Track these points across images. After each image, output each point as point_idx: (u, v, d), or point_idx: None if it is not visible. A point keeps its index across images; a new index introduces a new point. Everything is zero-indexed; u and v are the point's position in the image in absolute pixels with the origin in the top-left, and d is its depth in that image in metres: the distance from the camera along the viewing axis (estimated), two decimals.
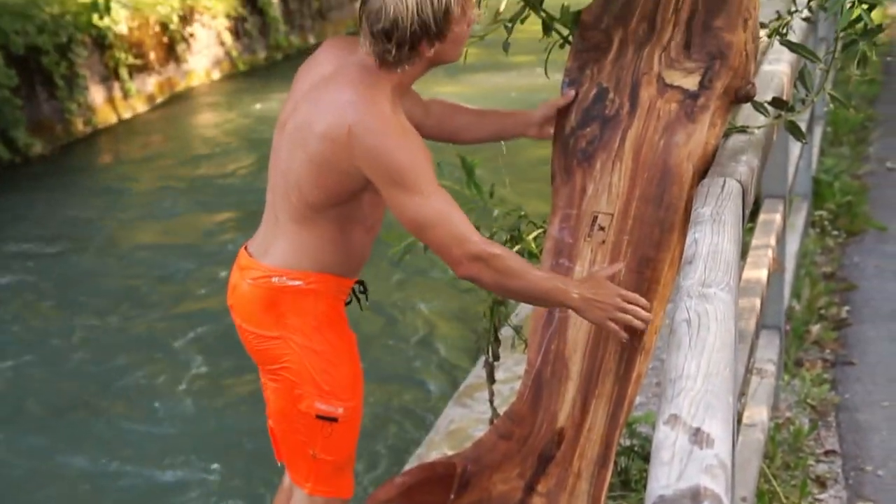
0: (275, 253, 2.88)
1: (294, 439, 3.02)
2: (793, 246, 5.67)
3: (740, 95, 2.90)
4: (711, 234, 2.24)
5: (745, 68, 2.90)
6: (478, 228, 2.77)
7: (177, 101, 14.64)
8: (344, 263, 2.91)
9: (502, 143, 3.26)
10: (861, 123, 9.53)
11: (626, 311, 2.65)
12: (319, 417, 2.95)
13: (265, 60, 16.64)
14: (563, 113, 3.03)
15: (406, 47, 2.58)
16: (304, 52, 17.74)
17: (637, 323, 2.66)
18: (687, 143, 2.81)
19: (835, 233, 6.97)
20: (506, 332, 3.89)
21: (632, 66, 2.97)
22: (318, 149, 2.68)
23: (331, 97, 2.68)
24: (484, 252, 2.62)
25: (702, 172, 2.78)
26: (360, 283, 3.09)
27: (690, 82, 2.87)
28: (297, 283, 2.86)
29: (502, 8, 3.30)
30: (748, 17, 2.90)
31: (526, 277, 2.64)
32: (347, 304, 3.04)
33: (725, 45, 2.85)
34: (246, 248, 2.99)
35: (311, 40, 17.68)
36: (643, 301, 2.69)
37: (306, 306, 2.89)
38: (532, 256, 3.55)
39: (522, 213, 3.70)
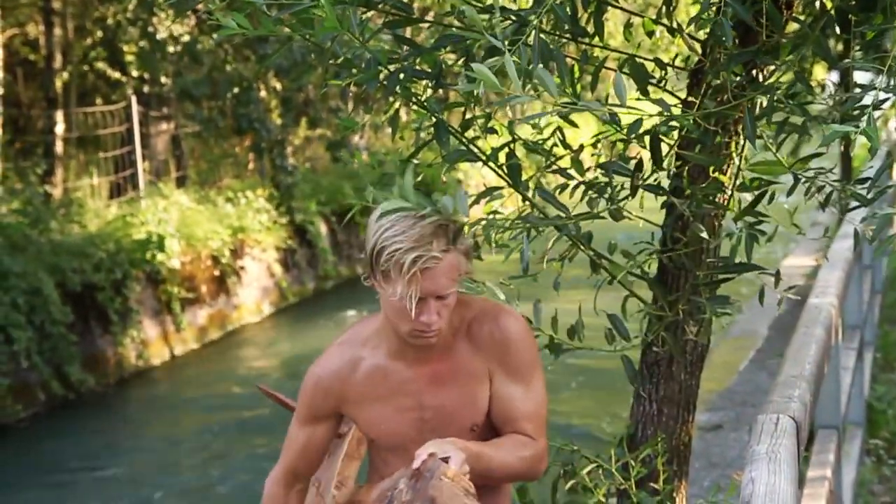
0: None
1: None
2: (849, 476, 5.60)
3: None
4: (768, 474, 2.25)
5: None
6: None
7: (228, 335, 14.82)
8: None
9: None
10: None
11: None
12: None
13: (314, 291, 16.89)
14: None
15: (366, 271, 2.68)
16: (352, 282, 18.18)
17: None
18: None
19: (891, 461, 6.86)
20: None
21: None
22: None
23: None
24: (268, 484, 2.98)
25: None
26: None
27: None
28: None
29: (550, 245, 3.39)
30: None
31: None
32: None
33: None
34: None
35: (359, 270, 17.96)
36: None
37: None
38: (586, 491, 3.53)
39: (575, 447, 3.70)
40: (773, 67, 3.13)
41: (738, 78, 3.07)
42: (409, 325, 2.65)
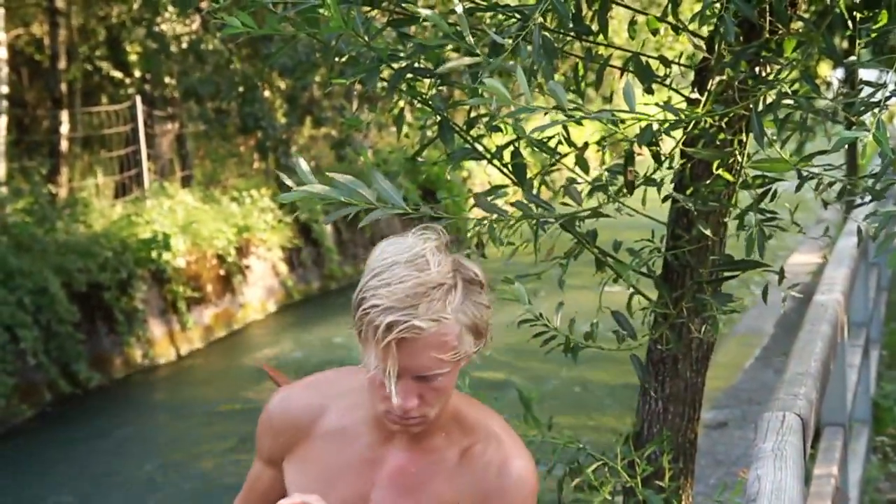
0: None
1: None
2: (855, 473, 5.59)
3: None
4: (774, 471, 2.25)
5: None
6: (537, 462, 2.65)
7: (234, 334, 14.83)
8: None
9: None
10: None
11: None
12: None
13: (319, 290, 16.89)
14: None
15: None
16: (357, 282, 18.01)
17: None
18: None
19: None
20: None
21: None
22: None
23: None
24: None
25: None
26: None
27: None
28: None
29: (555, 246, 3.38)
30: None
31: None
32: None
33: None
34: None
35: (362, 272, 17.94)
36: None
37: None
38: (592, 489, 3.53)
39: (581, 445, 3.70)
40: (777, 66, 3.13)
41: (742, 74, 3.07)
42: (383, 406, 2.06)
